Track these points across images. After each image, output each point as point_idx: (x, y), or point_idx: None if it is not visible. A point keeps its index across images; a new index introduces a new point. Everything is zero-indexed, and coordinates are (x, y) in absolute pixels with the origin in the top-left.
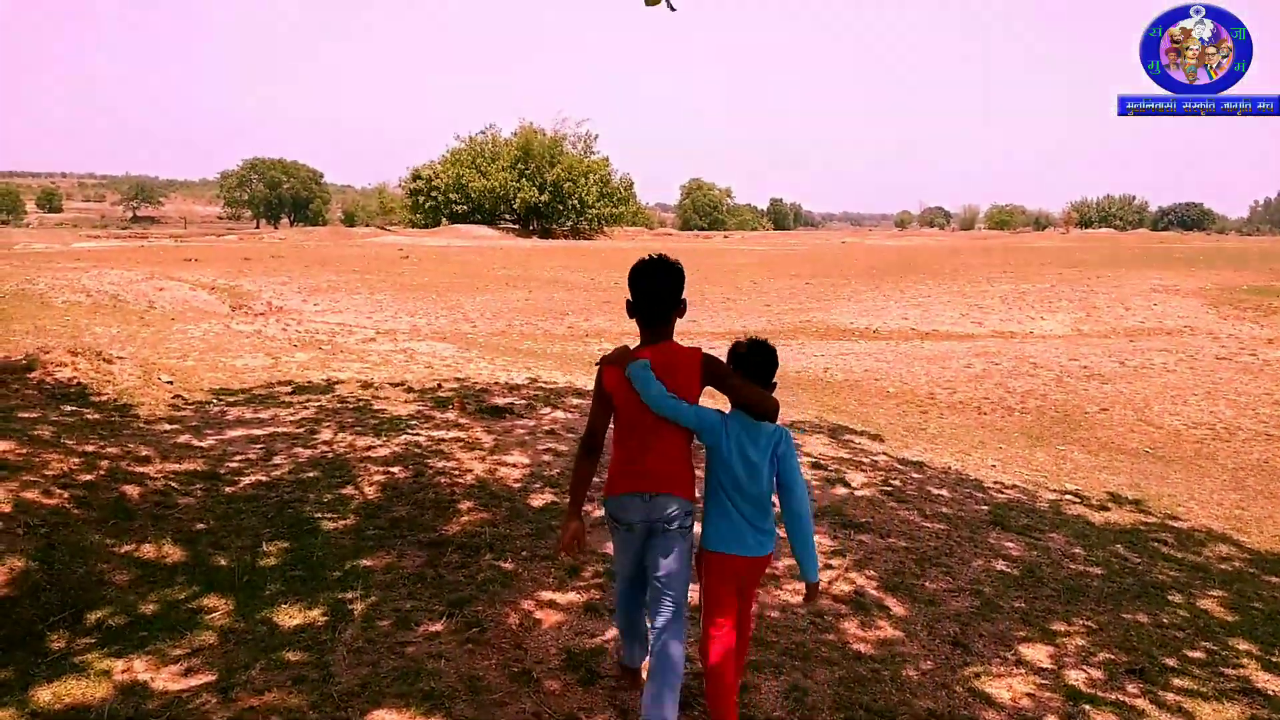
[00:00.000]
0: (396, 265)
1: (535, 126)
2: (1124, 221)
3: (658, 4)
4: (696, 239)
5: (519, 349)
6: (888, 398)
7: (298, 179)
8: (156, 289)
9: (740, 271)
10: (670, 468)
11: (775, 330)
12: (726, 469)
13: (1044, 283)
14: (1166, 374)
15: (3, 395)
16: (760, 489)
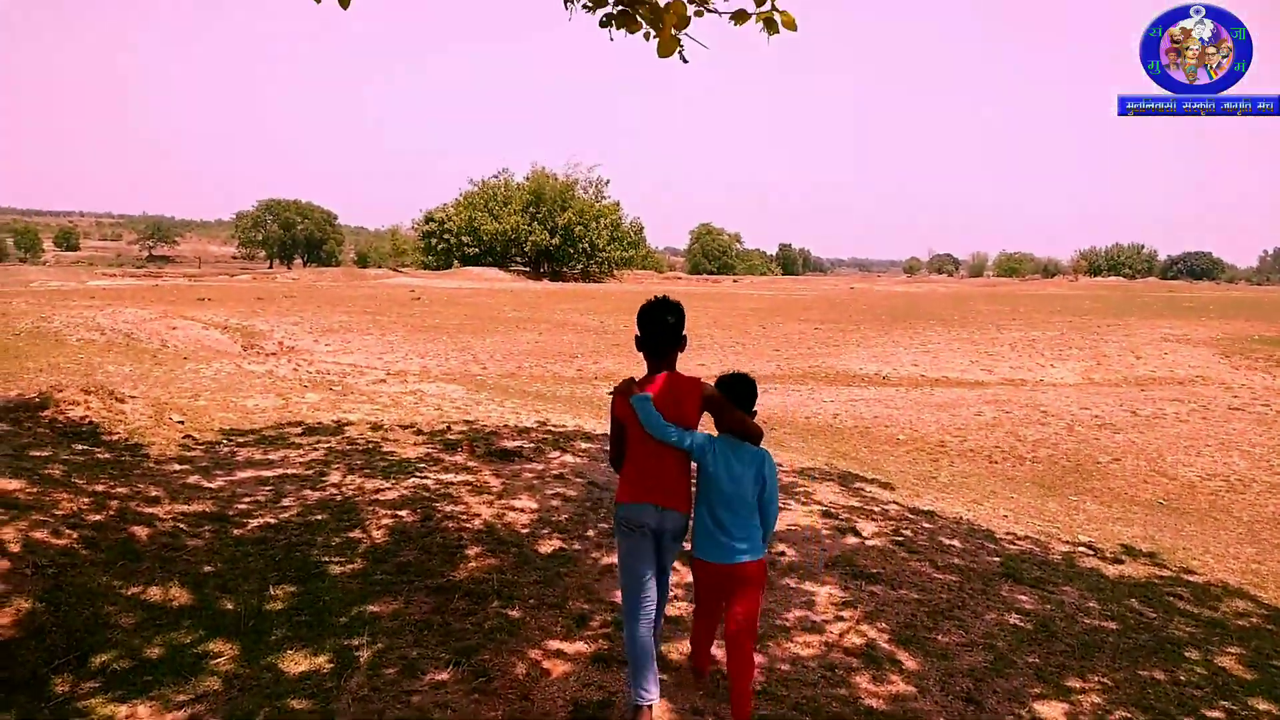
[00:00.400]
0: (408, 306)
1: (547, 171)
2: (1133, 270)
3: (671, 56)
4: (705, 283)
5: (528, 391)
6: (898, 445)
7: (312, 220)
8: (170, 328)
9: (749, 316)
10: (674, 484)
11: (785, 375)
12: (713, 483)
13: (1054, 330)
14: (1179, 424)
15: (15, 433)
16: (744, 502)
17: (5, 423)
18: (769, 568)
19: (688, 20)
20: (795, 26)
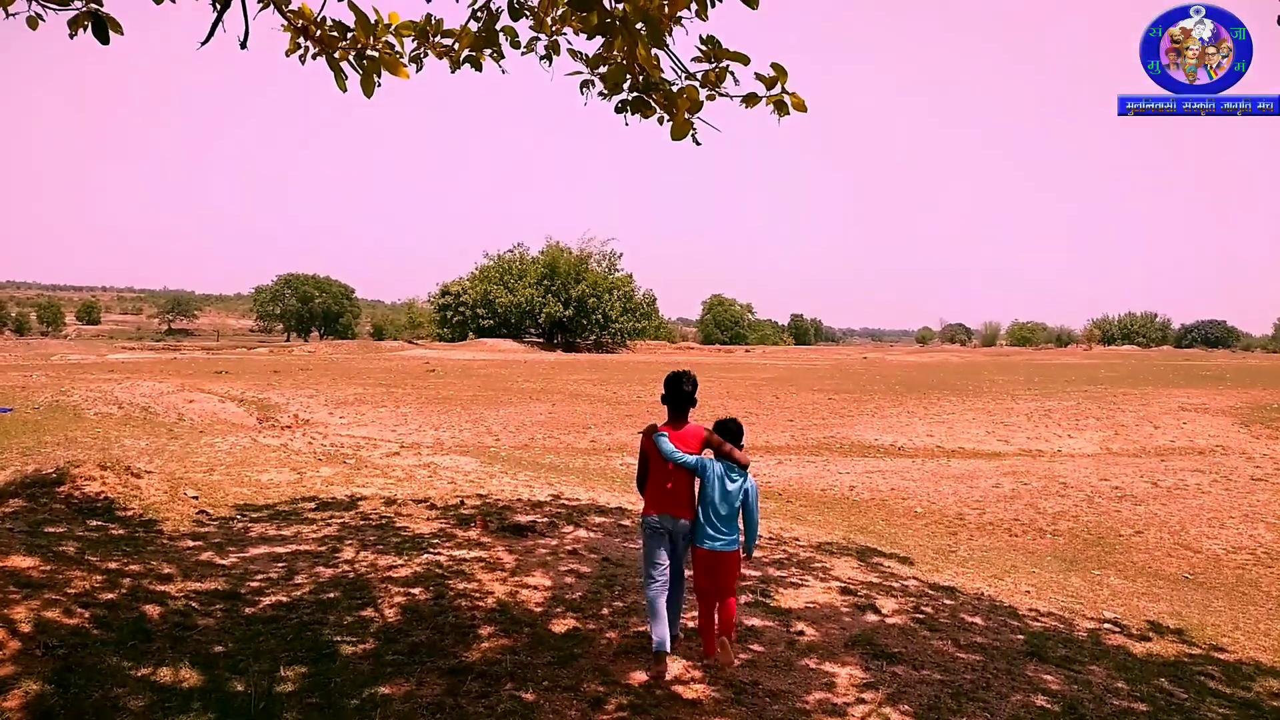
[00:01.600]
0: (422, 378)
1: (562, 245)
2: (1147, 338)
3: (684, 138)
4: (718, 353)
5: (541, 463)
6: (916, 518)
7: (330, 294)
8: (186, 401)
9: (762, 386)
10: (682, 500)
11: (799, 446)
12: (709, 496)
13: (1070, 400)
14: (1201, 495)
15: (32, 509)
16: (730, 509)
17: (22, 498)
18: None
19: (700, 104)
20: (805, 108)
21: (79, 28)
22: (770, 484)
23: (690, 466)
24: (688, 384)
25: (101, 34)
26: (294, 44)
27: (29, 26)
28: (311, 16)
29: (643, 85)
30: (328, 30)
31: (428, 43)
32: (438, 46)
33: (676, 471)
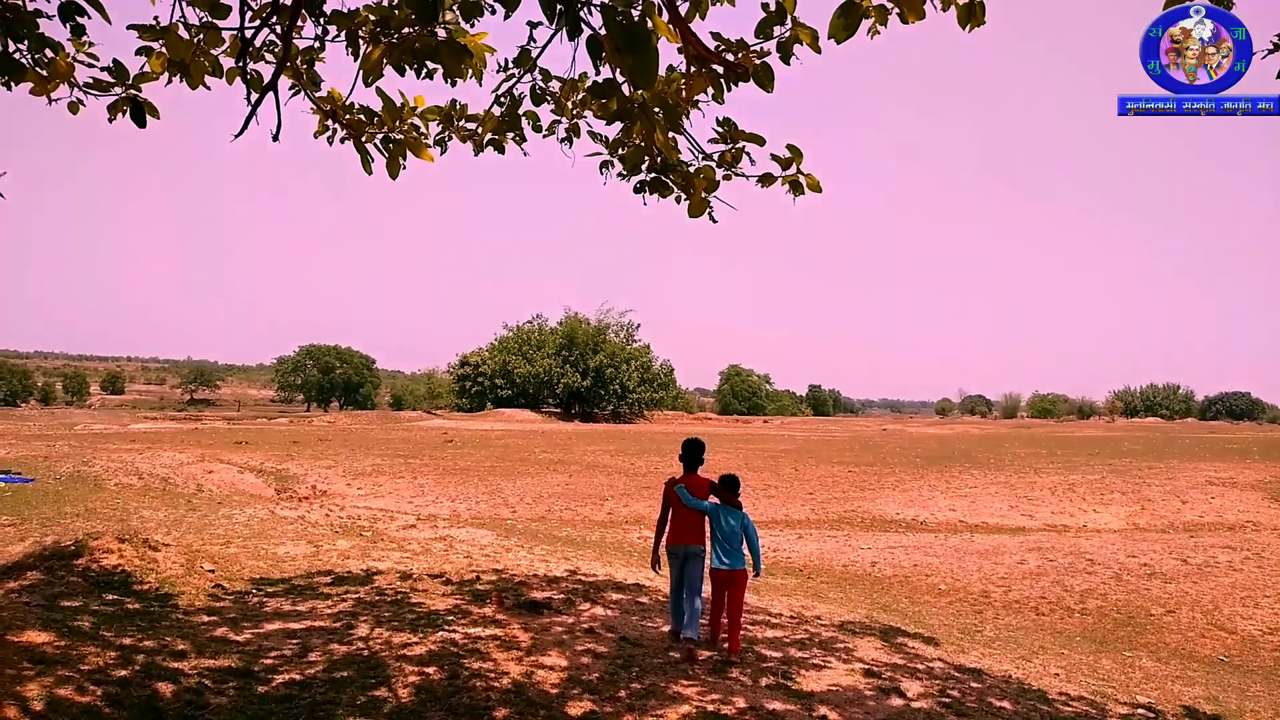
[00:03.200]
0: (440, 449)
1: (580, 316)
2: (1170, 410)
3: (701, 216)
4: (736, 423)
5: (558, 536)
6: (939, 595)
7: (351, 365)
8: (206, 471)
9: (781, 458)
10: (695, 531)
11: (819, 520)
12: (718, 529)
13: (1094, 474)
14: (1233, 573)
15: (49, 582)
16: (735, 539)
17: (39, 571)
18: None
19: (717, 184)
20: (820, 189)
21: (118, 112)
22: (791, 559)
23: (703, 510)
24: (698, 447)
25: (139, 119)
26: (322, 126)
27: (70, 111)
28: (341, 101)
29: (660, 166)
30: (355, 115)
31: (452, 126)
32: (462, 130)
33: (691, 512)
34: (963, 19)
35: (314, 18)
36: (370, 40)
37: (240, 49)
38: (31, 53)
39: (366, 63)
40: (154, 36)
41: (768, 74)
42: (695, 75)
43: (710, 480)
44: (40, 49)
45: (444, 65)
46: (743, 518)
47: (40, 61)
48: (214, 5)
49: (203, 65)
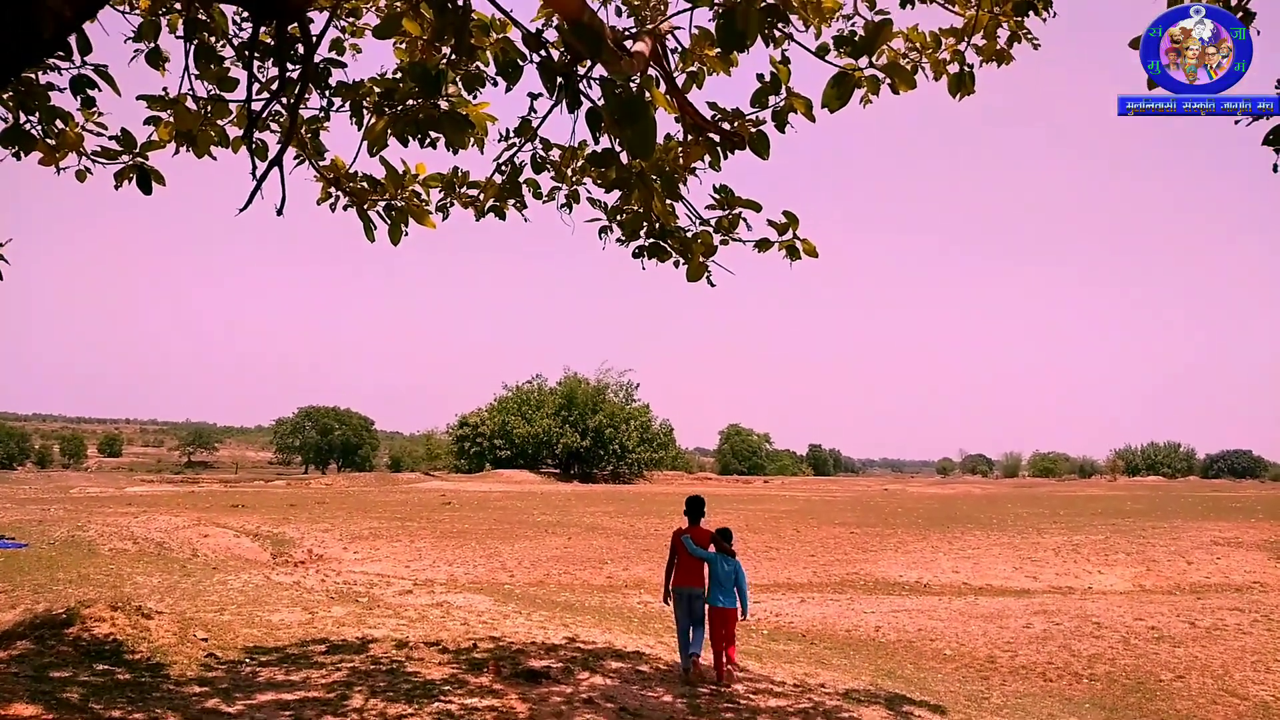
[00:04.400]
0: (438, 511)
1: (579, 376)
2: (1172, 469)
3: (699, 280)
4: (736, 483)
5: (556, 601)
6: (945, 661)
7: (350, 426)
8: (201, 536)
9: (782, 519)
10: (697, 575)
11: (822, 583)
12: (715, 574)
13: (1098, 534)
14: (1242, 636)
15: (39, 652)
16: (730, 583)
17: (29, 640)
18: None
19: (714, 249)
20: (816, 254)
21: (125, 180)
22: (793, 624)
23: (704, 558)
24: (700, 503)
25: (145, 186)
26: (325, 193)
27: (77, 179)
28: (344, 169)
29: (659, 232)
30: (358, 183)
31: (454, 193)
32: (463, 197)
33: (695, 559)
34: (953, 88)
35: (320, 90)
36: (374, 111)
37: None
38: (42, 124)
39: (371, 134)
40: (162, 107)
41: (763, 142)
42: (692, 144)
43: (710, 532)
44: (51, 121)
45: (446, 136)
46: (736, 565)
47: (50, 133)
48: (222, 79)
49: (209, 136)
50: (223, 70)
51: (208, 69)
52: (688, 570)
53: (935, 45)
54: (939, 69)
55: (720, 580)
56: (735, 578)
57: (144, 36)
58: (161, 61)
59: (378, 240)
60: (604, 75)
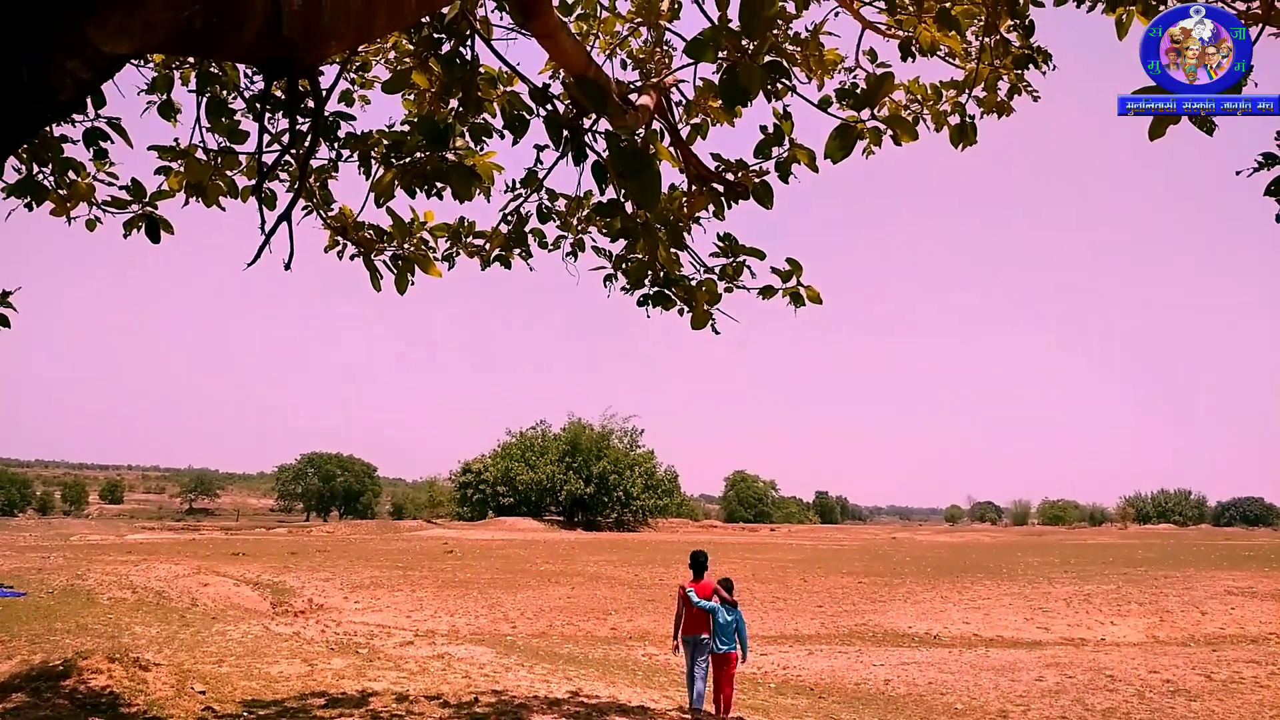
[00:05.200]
0: (440, 560)
1: (584, 422)
2: (1183, 516)
3: (704, 328)
4: (742, 531)
5: (559, 653)
6: (956, 715)
7: (352, 472)
8: (201, 584)
9: (789, 568)
10: (702, 624)
11: (829, 634)
12: (717, 622)
13: (1110, 584)
14: (1259, 689)
15: (34, 705)
16: (728, 629)
17: (25, 693)
18: None
19: (719, 297)
20: (820, 300)
21: (134, 228)
22: (801, 678)
23: (707, 609)
24: (703, 557)
25: (154, 234)
26: (333, 241)
27: (87, 228)
28: (352, 219)
29: (664, 280)
30: (365, 233)
31: (460, 242)
32: (469, 246)
33: (699, 610)
34: (955, 139)
35: (329, 143)
36: (382, 162)
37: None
38: (55, 175)
39: (378, 185)
40: (173, 157)
41: (767, 192)
42: (697, 194)
43: (713, 585)
44: (64, 172)
45: (453, 188)
46: (737, 614)
47: (63, 183)
48: (232, 131)
49: (219, 187)
50: (233, 123)
51: (219, 122)
52: (694, 620)
53: (936, 97)
54: (940, 120)
55: (722, 628)
56: (736, 625)
57: (157, 89)
58: (174, 113)
59: (383, 288)
60: (609, 129)
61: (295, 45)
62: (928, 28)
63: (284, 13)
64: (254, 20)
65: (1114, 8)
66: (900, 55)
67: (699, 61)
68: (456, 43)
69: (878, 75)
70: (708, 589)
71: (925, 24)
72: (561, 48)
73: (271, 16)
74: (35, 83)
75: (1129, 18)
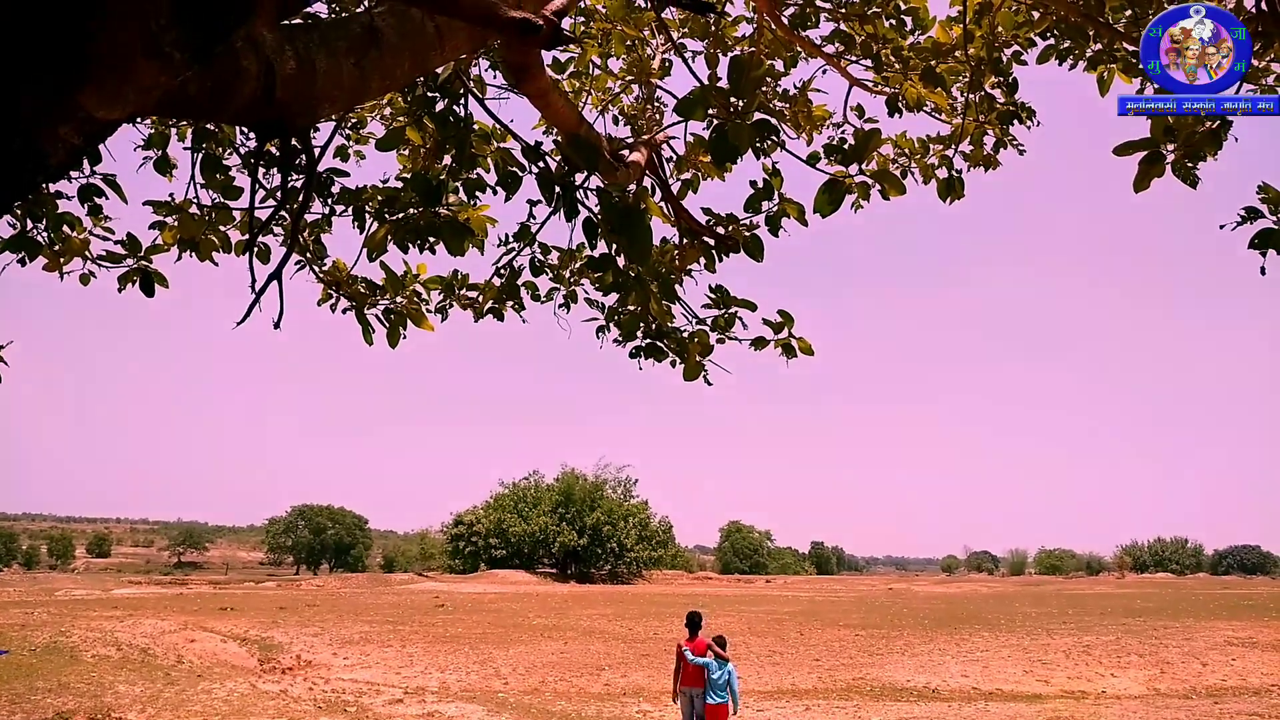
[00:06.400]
0: (431, 614)
1: (577, 472)
2: (1181, 565)
3: (696, 379)
4: (738, 583)
5: (552, 711)
6: None
7: (343, 525)
8: (188, 640)
9: (785, 621)
10: (698, 678)
11: (827, 689)
12: (710, 677)
13: (1109, 634)
14: None
15: None
16: (722, 683)
17: None
18: None
19: (711, 348)
20: (812, 352)
21: (128, 283)
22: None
23: (701, 665)
24: (698, 617)
25: (148, 289)
26: (325, 295)
27: (80, 283)
28: (345, 272)
29: (656, 332)
30: (357, 287)
31: (453, 295)
32: (463, 299)
33: (695, 666)
34: (942, 193)
35: (322, 198)
36: (375, 217)
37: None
38: (49, 231)
39: (372, 241)
40: (168, 212)
41: (757, 245)
42: (688, 247)
43: (707, 642)
44: (58, 228)
45: (446, 243)
46: (729, 669)
47: (57, 239)
48: (226, 188)
49: (212, 243)
50: (228, 179)
51: (213, 178)
52: (690, 674)
53: (924, 151)
54: (928, 174)
55: (714, 681)
56: (727, 679)
57: (153, 145)
58: (170, 168)
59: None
60: (601, 185)
61: (289, 108)
62: (914, 85)
63: (277, 78)
64: (248, 86)
65: (1095, 66)
66: (887, 111)
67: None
68: (450, 101)
69: (865, 131)
70: (702, 646)
71: (911, 81)
72: (554, 107)
73: (265, 82)
74: (24, 147)
75: (1110, 75)
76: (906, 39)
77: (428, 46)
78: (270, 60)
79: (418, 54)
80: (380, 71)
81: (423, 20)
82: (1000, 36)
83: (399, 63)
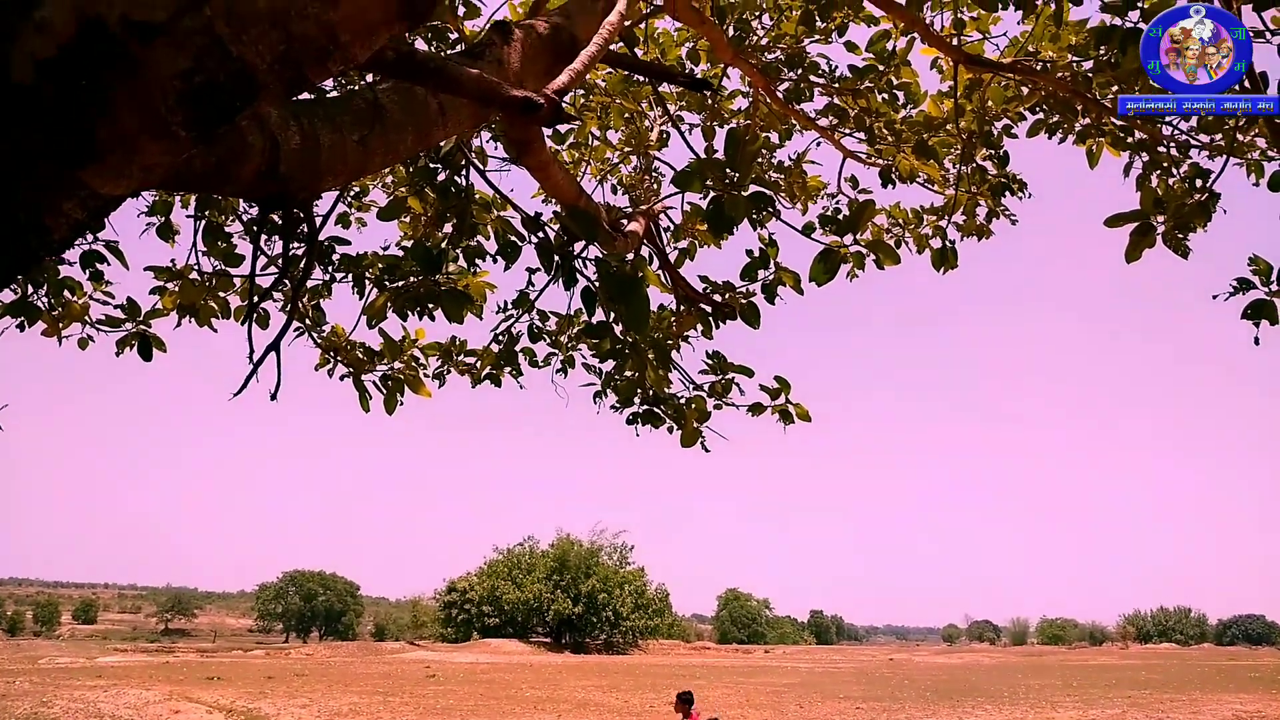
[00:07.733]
0: (422, 685)
1: (573, 537)
2: (1185, 635)
3: (693, 445)
4: (736, 653)
5: None
6: None
7: (334, 591)
8: (172, 711)
9: (784, 693)
10: None
11: None
12: None
13: (1114, 707)
14: None
15: None
16: None
17: None
18: None
19: (708, 415)
20: (809, 418)
21: (126, 346)
22: None
23: None
24: (689, 697)
25: (146, 353)
26: (324, 360)
27: (79, 347)
28: (344, 338)
29: (653, 398)
30: (356, 353)
31: (451, 361)
32: (461, 365)
33: None
34: (936, 263)
35: (323, 266)
36: (375, 284)
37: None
38: (50, 297)
39: (371, 309)
40: (169, 278)
41: (754, 312)
42: (685, 314)
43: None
44: (59, 293)
45: (445, 311)
46: None
47: (57, 305)
48: (228, 255)
49: (211, 309)
50: (229, 247)
51: (215, 246)
52: None
53: (917, 221)
54: (922, 244)
55: None
56: None
57: (156, 212)
58: (172, 234)
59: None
60: (599, 255)
61: (292, 182)
62: (907, 157)
63: (281, 152)
64: (252, 161)
65: (1084, 140)
66: (881, 182)
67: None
68: (452, 173)
69: (860, 202)
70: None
71: (904, 153)
72: (554, 179)
73: (270, 157)
74: (26, 222)
75: (1099, 148)
76: (899, 113)
77: (431, 123)
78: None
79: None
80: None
81: (426, 97)
82: (991, 111)
83: (402, 138)
